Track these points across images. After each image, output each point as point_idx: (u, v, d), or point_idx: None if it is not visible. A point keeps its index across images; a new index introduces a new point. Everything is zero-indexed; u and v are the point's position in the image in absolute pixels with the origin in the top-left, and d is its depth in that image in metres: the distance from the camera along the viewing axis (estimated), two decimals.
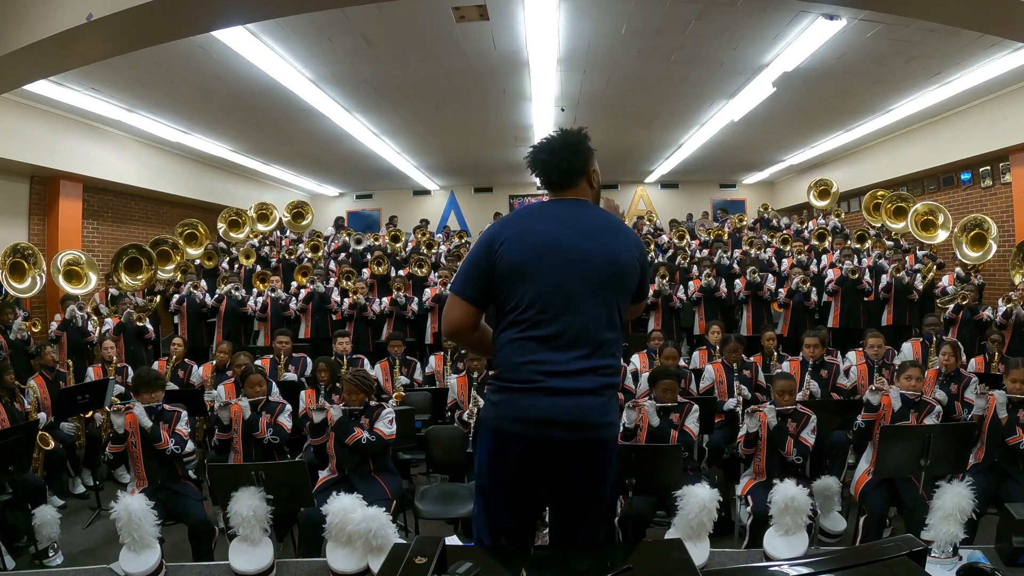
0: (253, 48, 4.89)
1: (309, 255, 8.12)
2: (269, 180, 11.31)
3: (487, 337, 1.76)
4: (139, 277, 6.81)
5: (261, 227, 9.27)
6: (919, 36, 4.93)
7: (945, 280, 6.36)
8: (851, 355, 4.83)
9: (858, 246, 7.54)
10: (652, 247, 8.15)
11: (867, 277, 6.48)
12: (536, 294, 1.63)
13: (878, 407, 3.37)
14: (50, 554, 3.27)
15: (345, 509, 2.41)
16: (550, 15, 4.51)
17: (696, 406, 3.44)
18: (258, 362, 4.41)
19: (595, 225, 1.71)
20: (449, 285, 1.60)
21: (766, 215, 10.34)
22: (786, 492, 2.60)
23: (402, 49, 5.27)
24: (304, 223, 9.91)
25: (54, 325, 5.64)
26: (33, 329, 5.34)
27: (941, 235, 6.82)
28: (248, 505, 2.51)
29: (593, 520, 1.69)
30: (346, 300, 6.69)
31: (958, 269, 6.38)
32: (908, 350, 4.98)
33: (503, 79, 6.11)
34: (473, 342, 1.78)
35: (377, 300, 6.90)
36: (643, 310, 4.00)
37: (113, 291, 6.77)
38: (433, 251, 8.78)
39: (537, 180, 1.83)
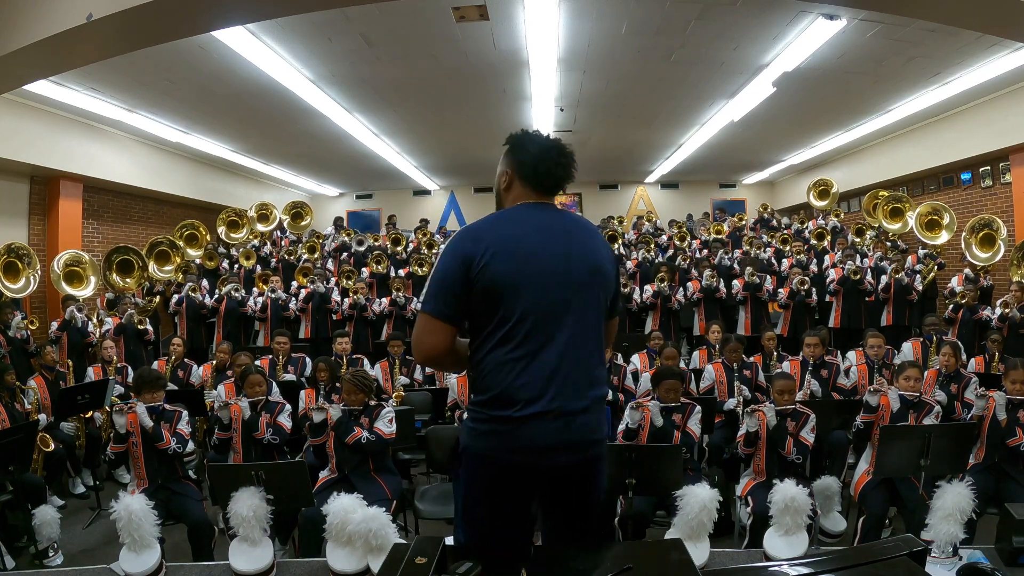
0: (253, 48, 4.88)
1: (306, 256, 8.12)
2: (269, 180, 11.31)
3: (462, 352, 1.62)
4: (127, 280, 6.75)
5: (261, 227, 9.26)
6: (919, 36, 4.93)
7: (954, 281, 6.32)
8: (851, 355, 4.84)
9: (856, 240, 7.51)
10: (652, 247, 8.15)
11: (868, 277, 6.48)
12: (526, 308, 1.51)
13: (877, 408, 3.37)
14: (50, 554, 3.28)
15: (345, 509, 2.41)
16: (550, 15, 4.51)
17: (699, 407, 3.44)
18: (257, 362, 4.42)
19: (573, 229, 1.62)
20: (419, 303, 1.43)
21: (765, 215, 10.34)
22: (786, 492, 2.60)
23: (402, 49, 5.27)
24: (304, 223, 9.90)
25: (54, 325, 5.63)
26: (31, 327, 5.33)
27: (944, 236, 6.80)
28: (248, 505, 2.51)
29: (590, 532, 1.66)
30: (346, 300, 6.69)
31: (967, 270, 6.34)
32: (908, 350, 4.98)
33: (503, 79, 6.11)
34: (451, 363, 1.64)
35: (377, 300, 6.90)
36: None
37: (109, 295, 6.75)
38: (434, 251, 8.77)
39: (525, 182, 1.64)
